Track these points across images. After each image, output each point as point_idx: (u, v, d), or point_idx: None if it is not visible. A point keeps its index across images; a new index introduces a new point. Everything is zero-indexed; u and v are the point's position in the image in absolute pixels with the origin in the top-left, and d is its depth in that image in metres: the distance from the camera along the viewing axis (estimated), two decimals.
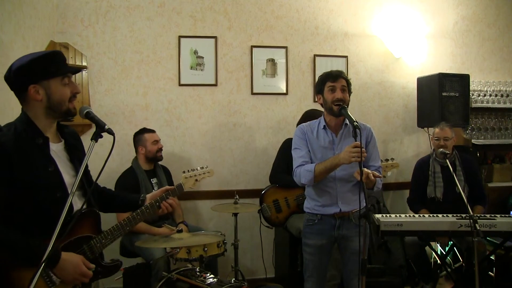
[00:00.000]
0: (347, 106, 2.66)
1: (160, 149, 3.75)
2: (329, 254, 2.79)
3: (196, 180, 2.44)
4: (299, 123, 3.92)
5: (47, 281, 1.72)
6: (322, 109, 3.15)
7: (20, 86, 1.74)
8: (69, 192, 1.68)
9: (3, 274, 1.67)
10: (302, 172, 2.66)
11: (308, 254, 2.78)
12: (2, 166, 1.64)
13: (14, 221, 1.69)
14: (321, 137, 2.72)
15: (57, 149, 1.85)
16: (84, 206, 1.83)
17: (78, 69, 3.34)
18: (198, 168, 2.48)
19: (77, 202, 1.84)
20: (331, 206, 2.70)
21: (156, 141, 3.74)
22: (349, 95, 2.69)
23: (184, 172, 2.42)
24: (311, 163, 2.68)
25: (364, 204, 2.76)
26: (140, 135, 3.75)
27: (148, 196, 2.19)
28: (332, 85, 2.65)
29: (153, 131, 3.78)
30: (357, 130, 2.38)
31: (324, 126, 2.72)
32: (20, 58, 1.76)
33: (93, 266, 1.83)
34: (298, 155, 2.74)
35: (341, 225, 2.69)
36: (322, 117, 2.77)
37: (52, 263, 1.70)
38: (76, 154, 1.92)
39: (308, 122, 2.89)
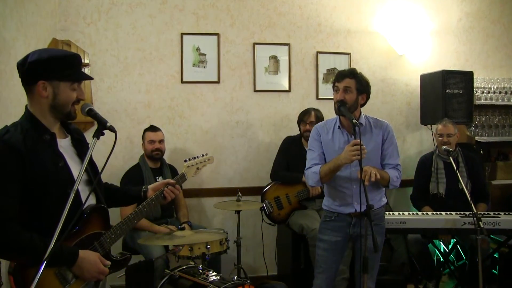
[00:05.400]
0: (360, 106, 2.69)
1: (157, 149, 3.72)
2: (342, 252, 2.79)
3: (198, 168, 2.43)
4: (298, 121, 3.95)
5: (61, 280, 1.73)
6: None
7: (30, 78, 1.73)
8: (78, 187, 1.68)
9: (20, 272, 1.67)
10: (310, 174, 2.71)
11: (321, 249, 2.78)
12: (16, 167, 1.64)
13: (28, 220, 1.69)
14: (337, 137, 2.71)
15: (64, 145, 1.84)
16: (92, 202, 1.85)
17: (91, 77, 3.36)
18: (199, 156, 2.47)
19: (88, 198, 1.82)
20: (346, 206, 2.70)
21: (153, 141, 3.71)
22: (361, 94, 2.66)
23: (185, 161, 2.41)
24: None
25: (383, 203, 2.78)
26: (144, 133, 3.77)
27: (150, 187, 2.18)
28: (336, 86, 2.68)
29: (155, 130, 3.77)
30: (356, 127, 2.39)
31: (339, 126, 2.72)
32: (39, 51, 1.76)
33: (109, 263, 1.84)
34: (310, 157, 2.77)
35: (356, 223, 2.68)
36: (338, 116, 2.75)
37: (70, 262, 1.71)
38: (82, 148, 1.92)
39: (325, 120, 2.91)
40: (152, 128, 3.77)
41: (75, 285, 1.76)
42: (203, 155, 2.48)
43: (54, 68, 1.73)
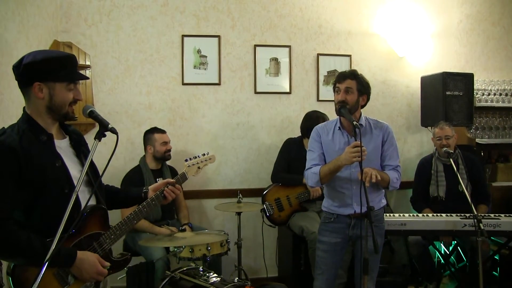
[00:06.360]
0: (360, 107, 2.70)
1: (169, 150, 3.77)
2: (341, 253, 2.79)
3: (199, 167, 2.41)
4: (302, 126, 3.94)
5: (60, 281, 1.73)
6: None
7: (25, 80, 1.74)
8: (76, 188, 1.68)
9: (18, 273, 1.67)
10: (309, 174, 2.72)
11: (321, 251, 2.78)
12: (12, 167, 1.64)
13: (26, 221, 1.69)
14: (337, 138, 2.72)
15: (62, 145, 1.84)
16: (92, 203, 1.84)
17: (87, 77, 3.37)
18: (200, 155, 2.45)
19: (86, 199, 1.82)
20: (346, 207, 2.70)
21: (166, 142, 3.75)
22: (361, 95, 2.68)
23: (186, 160, 2.40)
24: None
25: (382, 205, 2.78)
26: (150, 134, 3.76)
27: (151, 187, 2.17)
28: (337, 87, 2.68)
29: (163, 132, 3.78)
30: (356, 129, 2.40)
31: (339, 127, 2.73)
32: (33, 53, 1.76)
33: (108, 264, 1.84)
34: (309, 158, 2.78)
35: (356, 224, 2.68)
36: (339, 118, 2.76)
37: (68, 263, 1.71)
38: (81, 149, 1.92)
39: (326, 122, 2.92)
40: (160, 130, 3.78)
41: (74, 286, 1.77)
42: (204, 154, 2.47)
43: (49, 69, 1.73)
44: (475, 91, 4.46)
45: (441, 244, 3.87)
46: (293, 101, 4.43)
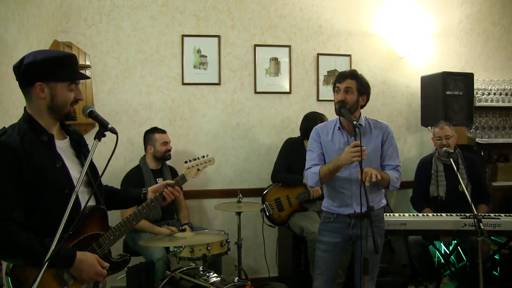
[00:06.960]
0: (360, 107, 2.70)
1: (169, 150, 3.78)
2: (341, 253, 2.79)
3: (198, 169, 2.42)
4: (301, 127, 3.94)
5: (59, 281, 1.73)
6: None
7: (27, 81, 1.74)
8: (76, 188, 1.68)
9: (17, 273, 1.67)
10: (309, 174, 2.72)
11: (321, 251, 2.78)
12: (13, 167, 1.64)
13: (26, 221, 1.69)
14: (337, 138, 2.72)
15: (62, 146, 1.84)
16: (91, 203, 1.84)
17: (87, 77, 3.37)
18: (199, 157, 2.46)
19: (85, 200, 1.82)
20: (346, 207, 2.70)
21: (166, 142, 3.76)
22: (361, 95, 2.68)
23: (186, 162, 2.40)
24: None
25: (382, 205, 2.78)
26: (150, 134, 3.77)
27: (150, 189, 2.17)
28: (337, 86, 2.68)
29: (164, 132, 3.79)
30: (356, 129, 2.40)
31: (339, 127, 2.73)
32: (34, 53, 1.75)
33: (107, 264, 1.84)
34: (309, 158, 2.78)
35: (355, 224, 2.68)
36: (338, 118, 2.76)
37: (68, 263, 1.71)
38: (81, 150, 1.92)
39: (325, 122, 2.93)
40: (161, 130, 3.79)
41: (73, 286, 1.77)
42: (203, 156, 2.48)
43: (50, 69, 1.73)
44: (475, 91, 4.46)
45: (441, 244, 3.87)
46: (293, 101, 4.43)
